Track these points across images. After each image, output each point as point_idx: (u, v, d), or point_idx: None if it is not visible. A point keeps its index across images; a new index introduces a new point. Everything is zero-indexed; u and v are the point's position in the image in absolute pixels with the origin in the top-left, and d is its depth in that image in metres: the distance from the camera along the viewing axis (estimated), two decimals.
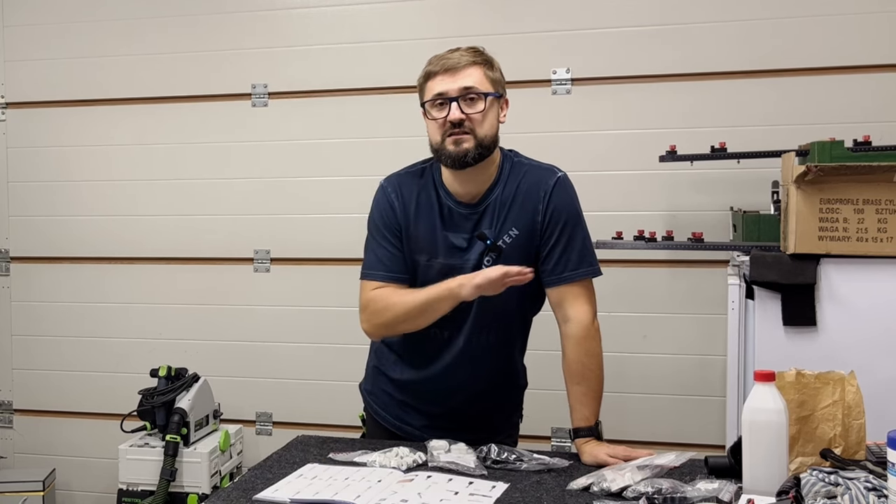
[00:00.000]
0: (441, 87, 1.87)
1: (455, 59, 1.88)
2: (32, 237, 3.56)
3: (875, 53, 2.84)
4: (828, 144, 2.28)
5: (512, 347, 2.06)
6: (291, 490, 1.61)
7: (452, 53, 1.91)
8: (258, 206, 3.34)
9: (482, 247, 1.92)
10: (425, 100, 1.90)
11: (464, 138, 1.86)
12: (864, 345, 2.14)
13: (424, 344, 1.99)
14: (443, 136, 1.87)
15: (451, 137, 1.86)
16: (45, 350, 3.55)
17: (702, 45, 2.96)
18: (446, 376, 1.97)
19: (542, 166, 1.99)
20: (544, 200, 1.93)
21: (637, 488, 1.54)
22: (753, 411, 1.48)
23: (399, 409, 2.06)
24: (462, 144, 1.86)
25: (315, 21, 3.28)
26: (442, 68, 1.87)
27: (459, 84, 1.86)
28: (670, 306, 3.02)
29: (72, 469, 3.52)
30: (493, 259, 1.91)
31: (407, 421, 2.05)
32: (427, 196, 1.97)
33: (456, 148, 1.86)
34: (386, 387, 2.08)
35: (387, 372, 2.08)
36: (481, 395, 2.01)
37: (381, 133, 3.21)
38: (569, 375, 1.92)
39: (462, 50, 1.91)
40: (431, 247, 1.95)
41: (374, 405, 2.12)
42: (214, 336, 3.40)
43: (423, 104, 1.93)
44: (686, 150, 2.71)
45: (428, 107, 1.90)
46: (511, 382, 2.11)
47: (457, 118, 1.85)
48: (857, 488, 1.31)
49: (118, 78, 3.44)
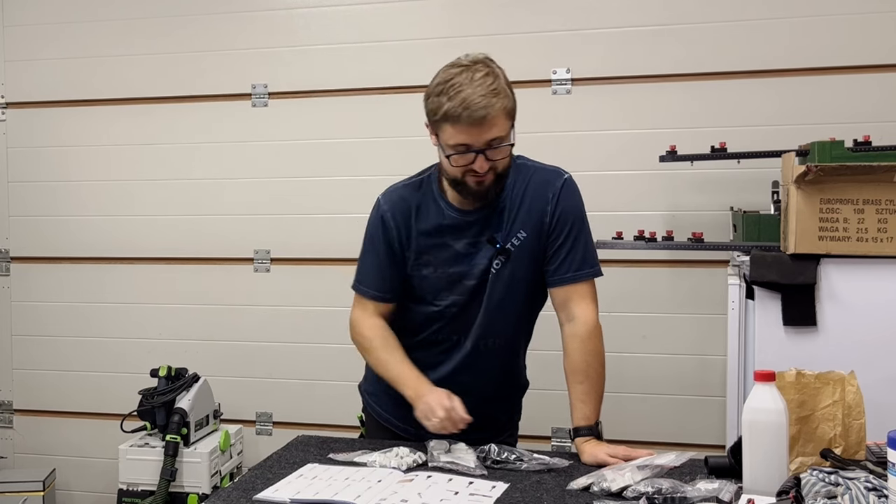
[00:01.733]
0: (466, 138, 1.77)
1: (481, 111, 1.73)
2: (32, 237, 3.56)
3: (875, 53, 2.84)
4: (828, 144, 2.29)
5: (517, 349, 2.07)
6: (291, 490, 1.61)
7: (472, 90, 1.74)
8: (258, 206, 3.34)
9: (490, 252, 1.91)
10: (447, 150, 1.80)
11: (486, 178, 1.82)
12: (864, 345, 2.14)
13: (431, 348, 1.99)
14: (463, 174, 1.82)
15: (474, 178, 1.82)
16: (45, 350, 3.55)
17: (702, 45, 2.96)
18: (452, 380, 1.96)
19: (547, 168, 1.98)
20: (552, 202, 1.92)
21: (637, 488, 1.54)
22: (753, 411, 1.48)
23: (402, 410, 2.04)
24: (484, 184, 1.83)
25: (315, 21, 3.28)
26: (468, 120, 1.74)
27: (486, 137, 1.77)
28: (670, 306, 3.02)
29: (72, 469, 3.52)
30: (503, 262, 1.91)
31: (411, 422, 2.04)
32: (426, 209, 1.95)
33: (478, 188, 1.84)
34: (388, 389, 2.07)
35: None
36: (487, 397, 2.00)
37: (382, 133, 3.21)
38: (571, 374, 1.92)
39: (479, 82, 1.76)
40: (436, 259, 1.94)
41: (377, 406, 2.11)
42: (214, 336, 3.40)
43: (436, 135, 1.84)
44: (686, 150, 2.71)
45: (444, 146, 1.81)
46: (515, 383, 2.11)
47: (485, 170, 1.80)
48: (857, 488, 1.31)
49: (118, 78, 3.44)
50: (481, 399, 1.97)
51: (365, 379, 2.18)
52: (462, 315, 1.95)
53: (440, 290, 1.94)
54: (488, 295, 1.93)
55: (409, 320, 2.01)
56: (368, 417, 2.17)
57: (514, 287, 1.93)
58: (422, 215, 1.95)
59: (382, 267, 1.97)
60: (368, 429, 2.18)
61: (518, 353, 2.08)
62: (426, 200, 1.96)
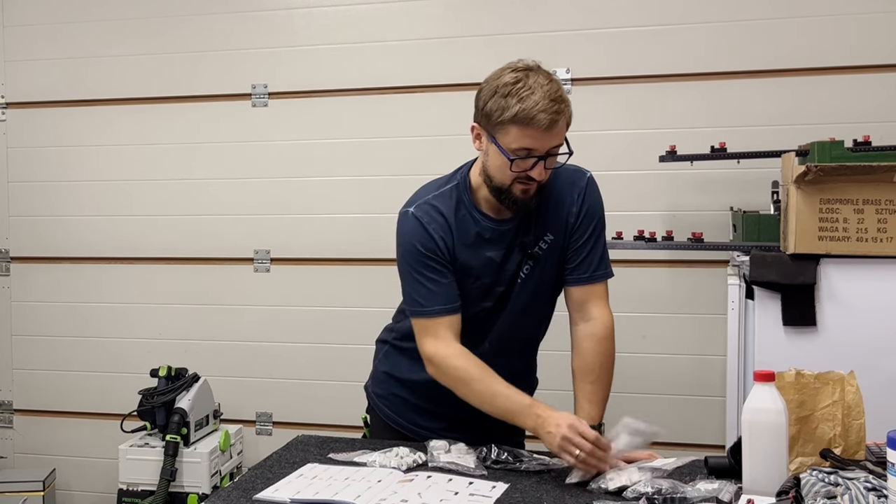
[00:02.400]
0: (532, 143, 1.74)
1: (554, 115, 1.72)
2: (32, 237, 3.56)
3: (875, 53, 2.84)
4: (828, 144, 2.29)
5: (534, 349, 2.07)
6: (291, 490, 1.61)
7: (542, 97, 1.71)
8: (258, 206, 3.34)
9: (518, 258, 1.89)
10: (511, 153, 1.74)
11: (532, 186, 1.80)
12: (863, 345, 2.14)
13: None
14: (512, 181, 1.79)
15: (521, 186, 1.79)
16: (45, 350, 3.55)
17: (702, 45, 2.96)
18: None
19: (569, 167, 1.93)
20: (578, 201, 1.91)
21: (637, 488, 1.54)
22: (753, 411, 1.48)
23: (414, 412, 2.03)
24: (530, 192, 1.81)
25: (315, 21, 3.28)
26: (540, 124, 1.71)
27: (551, 143, 1.76)
28: (670, 306, 3.01)
29: (72, 469, 3.52)
30: (531, 267, 1.90)
31: (423, 425, 2.01)
32: (463, 220, 1.89)
33: (524, 196, 1.81)
34: (399, 391, 2.05)
35: (400, 375, 2.05)
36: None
37: (382, 133, 3.21)
38: (581, 373, 1.91)
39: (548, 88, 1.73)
40: (476, 271, 1.90)
41: (386, 409, 2.08)
42: (214, 336, 3.40)
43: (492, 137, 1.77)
44: (686, 150, 2.71)
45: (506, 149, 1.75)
46: (527, 381, 2.09)
47: (542, 178, 1.79)
48: (856, 488, 1.31)
49: (118, 78, 3.44)
50: None
51: (372, 379, 2.15)
52: (487, 319, 1.93)
53: (476, 300, 1.91)
54: (514, 300, 1.92)
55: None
56: (375, 419, 2.14)
57: (539, 291, 1.93)
58: (460, 227, 1.88)
59: (443, 277, 1.86)
60: (374, 430, 2.15)
61: (534, 353, 2.09)
62: (461, 211, 1.89)
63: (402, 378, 2.05)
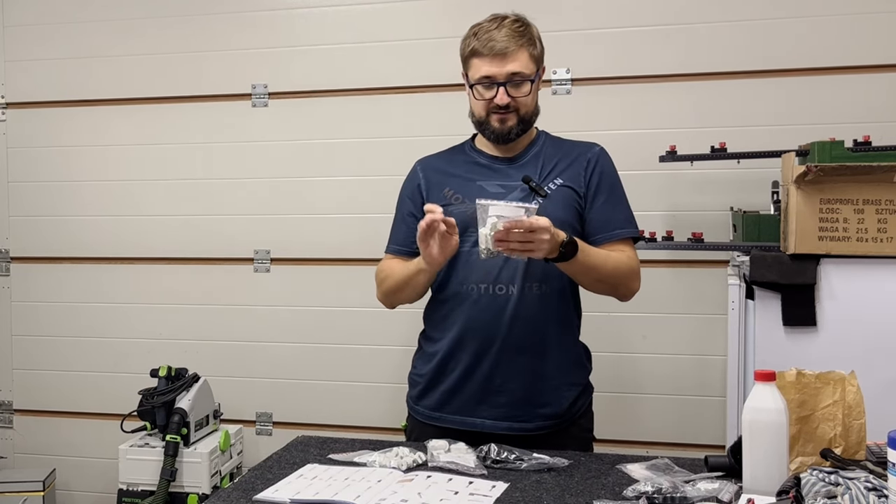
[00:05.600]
0: (488, 70, 1.95)
1: (503, 44, 1.93)
2: (32, 237, 3.56)
3: (875, 53, 2.84)
4: (828, 144, 2.29)
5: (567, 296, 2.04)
6: (291, 490, 1.61)
7: (499, 32, 1.94)
8: (258, 206, 3.34)
9: (522, 194, 1.95)
10: (472, 81, 1.98)
11: (508, 117, 1.97)
12: (864, 345, 2.14)
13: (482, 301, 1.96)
14: (487, 113, 1.98)
15: (496, 115, 1.97)
16: (45, 350, 3.55)
17: (702, 45, 2.96)
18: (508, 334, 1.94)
19: (579, 142, 2.10)
20: (590, 165, 2.03)
21: (637, 488, 1.55)
22: (753, 411, 1.48)
23: (466, 406, 2.01)
24: (507, 122, 1.98)
25: (315, 21, 3.28)
26: (490, 52, 1.93)
27: (507, 70, 1.94)
28: (670, 306, 3.01)
29: (72, 469, 3.52)
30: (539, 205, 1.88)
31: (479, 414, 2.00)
32: (458, 160, 2.09)
33: (501, 126, 1.98)
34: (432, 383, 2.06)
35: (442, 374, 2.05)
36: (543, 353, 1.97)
37: (382, 133, 3.21)
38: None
39: (507, 26, 1.96)
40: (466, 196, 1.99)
41: (423, 409, 2.08)
42: (214, 336, 3.40)
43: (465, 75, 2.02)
44: (686, 150, 2.71)
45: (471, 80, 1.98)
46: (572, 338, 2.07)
47: (504, 103, 1.95)
48: (857, 488, 1.31)
49: (118, 78, 3.44)
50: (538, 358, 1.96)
51: (417, 396, 2.12)
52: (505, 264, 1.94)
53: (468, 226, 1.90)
54: None
55: (455, 282, 1.99)
56: (419, 425, 2.11)
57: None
58: (454, 165, 2.08)
59: (411, 223, 2.03)
60: (413, 430, 2.14)
61: (569, 302, 2.05)
62: (459, 156, 2.11)
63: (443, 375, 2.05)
